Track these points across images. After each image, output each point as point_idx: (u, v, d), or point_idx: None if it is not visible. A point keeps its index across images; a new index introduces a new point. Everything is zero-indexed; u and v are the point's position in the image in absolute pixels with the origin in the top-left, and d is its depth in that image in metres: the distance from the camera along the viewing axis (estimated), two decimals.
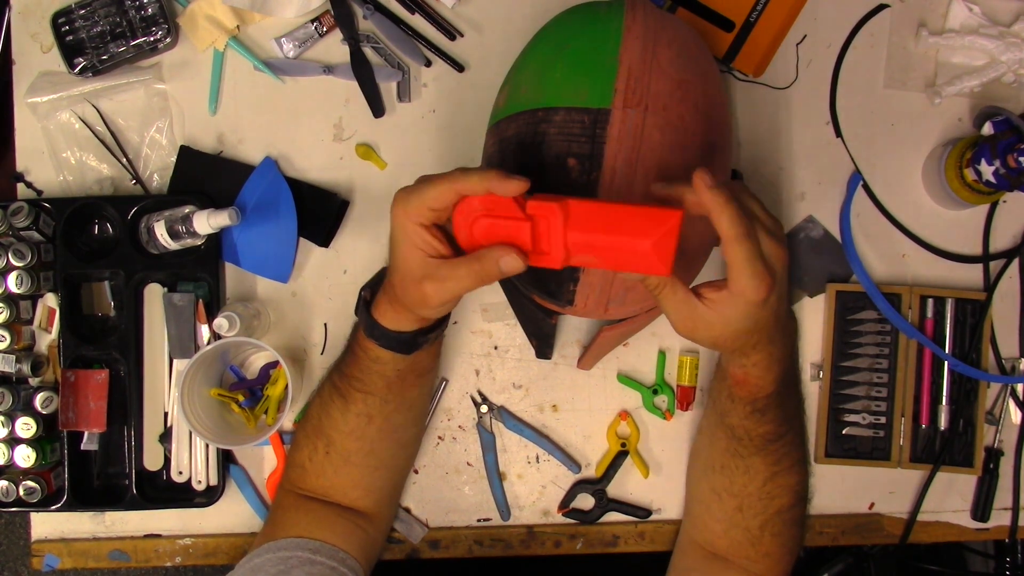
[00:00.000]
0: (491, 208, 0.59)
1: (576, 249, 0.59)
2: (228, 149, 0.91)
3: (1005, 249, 0.90)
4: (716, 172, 0.69)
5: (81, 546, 0.90)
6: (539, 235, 0.59)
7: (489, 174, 0.57)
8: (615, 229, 0.57)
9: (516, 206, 0.58)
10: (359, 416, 0.75)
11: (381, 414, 0.75)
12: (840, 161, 0.90)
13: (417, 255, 0.62)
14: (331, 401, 0.76)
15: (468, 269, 0.60)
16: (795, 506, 0.75)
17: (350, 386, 0.74)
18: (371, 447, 0.77)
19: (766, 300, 0.58)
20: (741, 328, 0.61)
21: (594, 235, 0.58)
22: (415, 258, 0.62)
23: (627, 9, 0.69)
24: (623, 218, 0.57)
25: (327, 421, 0.76)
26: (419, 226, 0.61)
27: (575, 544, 0.90)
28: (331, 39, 0.91)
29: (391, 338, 0.70)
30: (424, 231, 0.61)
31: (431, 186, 0.60)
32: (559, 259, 0.59)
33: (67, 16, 0.87)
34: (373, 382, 0.73)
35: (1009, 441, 0.89)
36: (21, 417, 0.85)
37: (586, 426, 0.90)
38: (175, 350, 0.87)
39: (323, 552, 0.73)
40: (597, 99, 0.65)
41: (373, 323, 0.70)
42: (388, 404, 0.75)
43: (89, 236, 0.90)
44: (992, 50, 0.88)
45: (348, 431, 0.76)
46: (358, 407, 0.74)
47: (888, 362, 0.87)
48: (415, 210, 0.60)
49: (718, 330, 0.61)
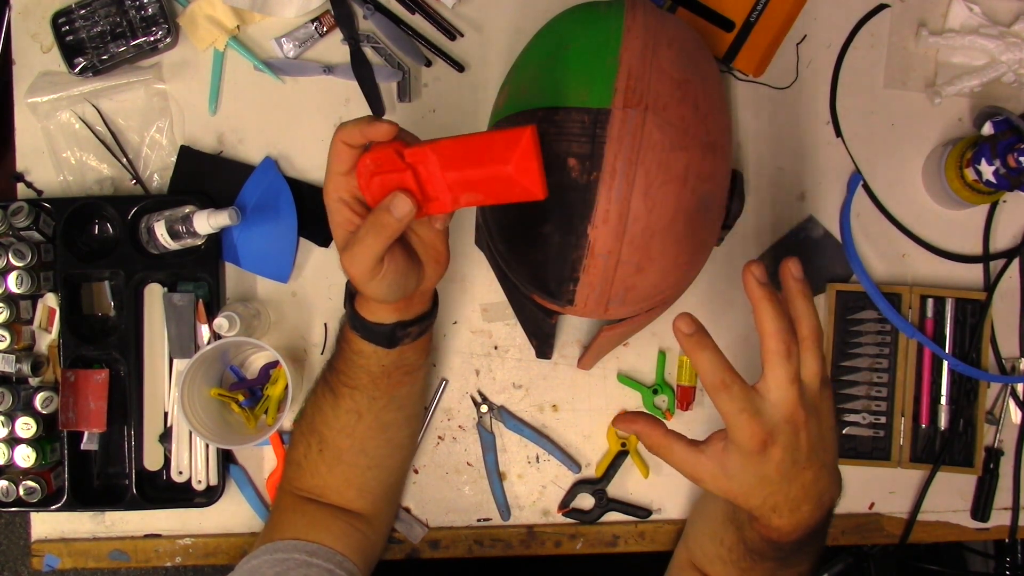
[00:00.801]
0: (380, 164, 0.61)
1: (458, 189, 0.60)
2: (228, 149, 0.91)
3: (1005, 249, 0.90)
4: (716, 172, 0.69)
5: (81, 546, 0.90)
6: (423, 182, 0.60)
7: (361, 120, 0.59)
8: (480, 160, 0.57)
9: (397, 157, 0.60)
10: (348, 413, 0.75)
11: (370, 412, 0.75)
12: (840, 161, 0.90)
13: (341, 233, 0.63)
14: (323, 397, 0.77)
15: (367, 227, 0.60)
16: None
17: (338, 381, 0.75)
18: (362, 446, 0.77)
19: (764, 452, 0.55)
20: (745, 482, 0.57)
21: (466, 171, 0.58)
22: (340, 236, 0.63)
23: (627, 9, 0.69)
24: (484, 148, 0.57)
25: (319, 418, 0.77)
26: (340, 202, 0.62)
27: (575, 544, 0.90)
28: (331, 39, 0.91)
29: (371, 330, 0.70)
30: (344, 207, 0.62)
31: (331, 152, 0.61)
32: (447, 202, 0.60)
33: (67, 16, 0.87)
34: (357, 376, 0.73)
35: (1009, 441, 0.89)
36: (21, 417, 0.85)
37: (586, 426, 0.90)
38: (175, 350, 0.87)
39: (320, 555, 0.73)
40: (597, 99, 0.65)
41: (355, 314, 0.70)
42: (376, 401, 0.75)
43: (89, 236, 0.90)
44: (992, 50, 0.88)
45: (339, 428, 0.76)
46: (346, 403, 0.75)
47: (888, 362, 0.87)
48: (331, 185, 0.62)
49: (723, 483, 0.58)
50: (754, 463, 0.56)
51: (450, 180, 0.59)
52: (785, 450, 0.56)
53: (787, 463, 0.56)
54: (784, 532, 0.60)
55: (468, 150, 0.58)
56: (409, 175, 0.60)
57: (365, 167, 0.61)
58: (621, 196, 0.64)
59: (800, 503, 0.59)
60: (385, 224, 0.59)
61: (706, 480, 0.59)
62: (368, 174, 0.62)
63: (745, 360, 0.89)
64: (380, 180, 0.61)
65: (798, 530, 0.60)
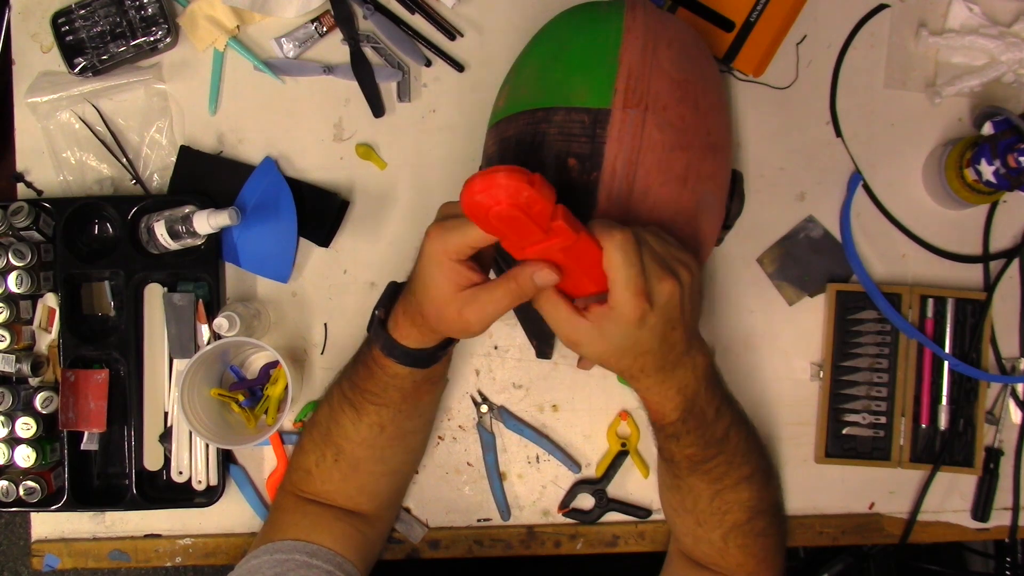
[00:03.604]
0: (522, 235, 0.57)
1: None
2: (228, 149, 0.91)
3: (1005, 249, 0.90)
4: (716, 172, 0.69)
5: (81, 546, 0.90)
6: None
7: (458, 230, 0.60)
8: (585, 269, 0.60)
9: (544, 216, 0.55)
10: (371, 427, 0.75)
11: (393, 423, 0.75)
12: (840, 161, 0.90)
13: (452, 289, 0.62)
14: (341, 411, 0.75)
15: (505, 289, 0.61)
16: (753, 519, 0.73)
17: (363, 399, 0.74)
18: (381, 455, 0.77)
19: (642, 320, 0.59)
20: (621, 346, 0.61)
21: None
22: (450, 292, 0.62)
23: (627, 9, 0.69)
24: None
25: (336, 430, 0.76)
26: (456, 262, 0.61)
27: (575, 544, 0.90)
28: (331, 39, 0.91)
29: (411, 355, 0.69)
30: (461, 266, 0.61)
31: (473, 227, 0.59)
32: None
33: (67, 16, 0.87)
34: (390, 396, 0.73)
35: (1009, 441, 0.89)
36: (21, 417, 0.85)
37: (586, 426, 0.90)
38: (175, 350, 0.87)
39: (320, 556, 0.73)
40: (597, 99, 0.65)
41: (392, 343, 0.69)
42: (401, 413, 0.75)
43: (89, 236, 0.90)
44: (992, 50, 0.88)
45: (359, 441, 0.75)
46: (371, 419, 0.74)
47: (888, 362, 0.87)
48: (455, 248, 0.60)
49: (599, 345, 0.61)
50: (631, 329, 0.60)
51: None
52: (668, 327, 0.61)
53: (663, 334, 0.61)
54: (670, 404, 0.66)
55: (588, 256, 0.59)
56: (555, 244, 0.57)
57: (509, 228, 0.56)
58: (621, 196, 0.65)
59: (664, 365, 0.64)
60: (524, 290, 0.60)
61: (583, 343, 0.62)
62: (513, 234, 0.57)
63: (746, 361, 0.89)
64: (532, 251, 0.59)
65: (682, 393, 0.66)
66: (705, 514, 0.73)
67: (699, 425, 0.68)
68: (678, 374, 0.65)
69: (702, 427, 0.68)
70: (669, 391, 0.65)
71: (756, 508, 0.73)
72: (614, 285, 0.58)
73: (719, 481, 0.71)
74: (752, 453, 0.73)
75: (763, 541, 0.75)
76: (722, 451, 0.70)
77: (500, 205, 0.53)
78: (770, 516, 0.75)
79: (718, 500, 0.72)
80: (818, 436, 0.88)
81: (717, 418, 0.69)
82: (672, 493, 0.76)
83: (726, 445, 0.70)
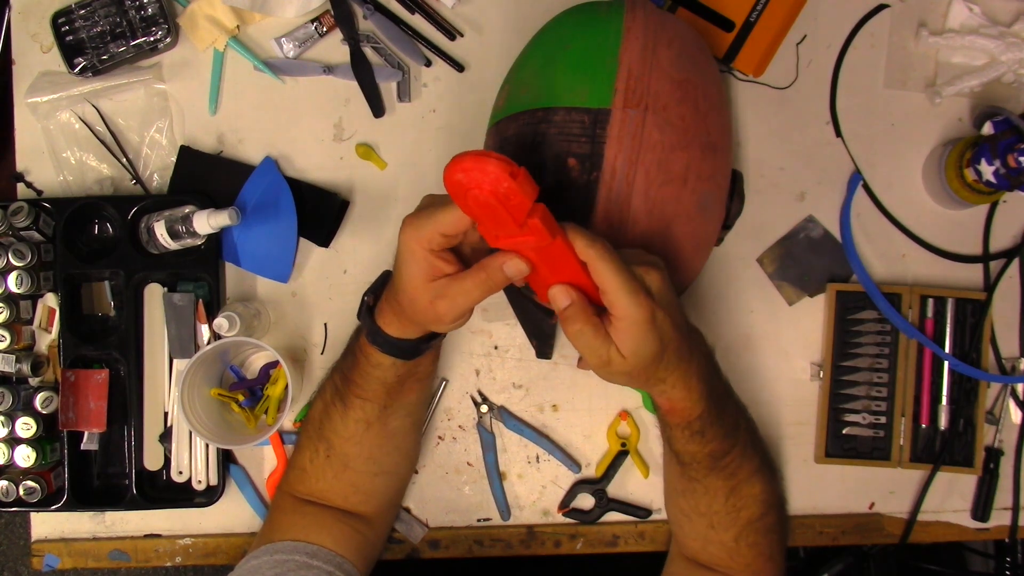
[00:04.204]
0: (499, 225, 0.57)
1: None
2: (228, 149, 0.91)
3: (1005, 249, 0.90)
4: (716, 172, 0.69)
5: (81, 546, 0.90)
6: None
7: (435, 219, 0.59)
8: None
9: (521, 212, 0.55)
10: (357, 423, 0.75)
11: (379, 420, 0.75)
12: (840, 161, 0.90)
13: (424, 278, 0.62)
14: (332, 404, 0.76)
15: (475, 280, 0.60)
16: (766, 514, 0.74)
17: (350, 391, 0.74)
18: (370, 453, 0.77)
19: (652, 316, 0.59)
20: (647, 353, 0.60)
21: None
22: (422, 281, 0.62)
23: (627, 9, 0.69)
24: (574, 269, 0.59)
25: (327, 425, 0.76)
26: (429, 252, 0.61)
27: (575, 544, 0.90)
28: (331, 39, 0.91)
29: (394, 345, 0.69)
30: (433, 256, 0.61)
31: (445, 211, 0.59)
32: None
33: (67, 16, 0.87)
34: (373, 388, 0.73)
35: (1009, 441, 0.89)
36: (21, 417, 0.85)
37: (586, 426, 0.90)
38: (175, 350, 0.87)
39: (320, 556, 0.73)
40: (597, 99, 0.65)
41: (376, 330, 0.69)
42: (386, 410, 0.75)
43: (89, 236, 0.90)
44: (992, 50, 0.88)
45: (347, 436, 0.76)
46: (356, 413, 0.75)
47: (888, 362, 0.87)
48: (427, 237, 0.60)
49: (630, 362, 0.60)
50: (648, 330, 0.59)
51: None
52: (670, 314, 0.61)
53: (671, 322, 0.61)
54: (695, 394, 0.65)
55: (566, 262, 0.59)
56: (529, 241, 0.57)
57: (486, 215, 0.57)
58: (621, 196, 0.65)
59: (682, 352, 0.63)
60: (495, 281, 0.60)
61: (614, 364, 0.61)
62: (488, 222, 0.58)
63: (746, 361, 0.89)
64: (505, 242, 0.59)
65: (703, 380, 0.66)
66: (720, 515, 0.73)
67: (720, 411, 0.68)
68: (695, 360, 0.65)
69: (722, 413, 0.69)
70: (692, 380, 0.65)
71: (768, 502, 0.74)
72: (616, 294, 0.58)
73: (734, 476, 0.72)
74: (757, 442, 0.75)
75: (771, 538, 0.75)
76: (737, 441, 0.71)
77: (479, 190, 0.54)
78: (778, 511, 0.76)
79: (734, 497, 0.72)
80: (818, 436, 0.88)
81: (727, 399, 0.70)
82: (685, 498, 0.75)
83: (739, 434, 0.71)
